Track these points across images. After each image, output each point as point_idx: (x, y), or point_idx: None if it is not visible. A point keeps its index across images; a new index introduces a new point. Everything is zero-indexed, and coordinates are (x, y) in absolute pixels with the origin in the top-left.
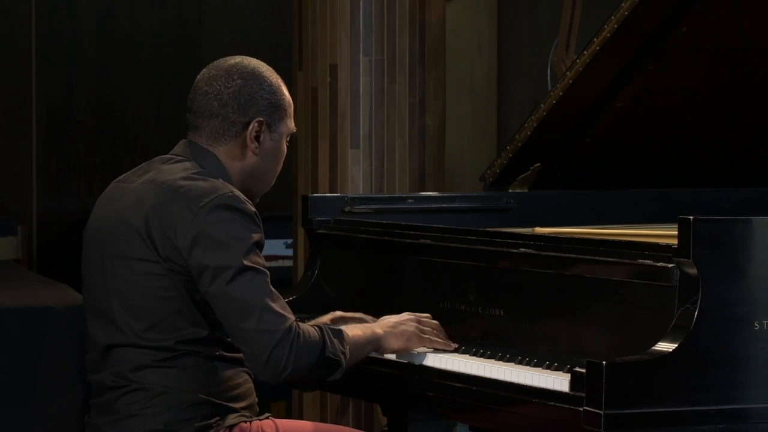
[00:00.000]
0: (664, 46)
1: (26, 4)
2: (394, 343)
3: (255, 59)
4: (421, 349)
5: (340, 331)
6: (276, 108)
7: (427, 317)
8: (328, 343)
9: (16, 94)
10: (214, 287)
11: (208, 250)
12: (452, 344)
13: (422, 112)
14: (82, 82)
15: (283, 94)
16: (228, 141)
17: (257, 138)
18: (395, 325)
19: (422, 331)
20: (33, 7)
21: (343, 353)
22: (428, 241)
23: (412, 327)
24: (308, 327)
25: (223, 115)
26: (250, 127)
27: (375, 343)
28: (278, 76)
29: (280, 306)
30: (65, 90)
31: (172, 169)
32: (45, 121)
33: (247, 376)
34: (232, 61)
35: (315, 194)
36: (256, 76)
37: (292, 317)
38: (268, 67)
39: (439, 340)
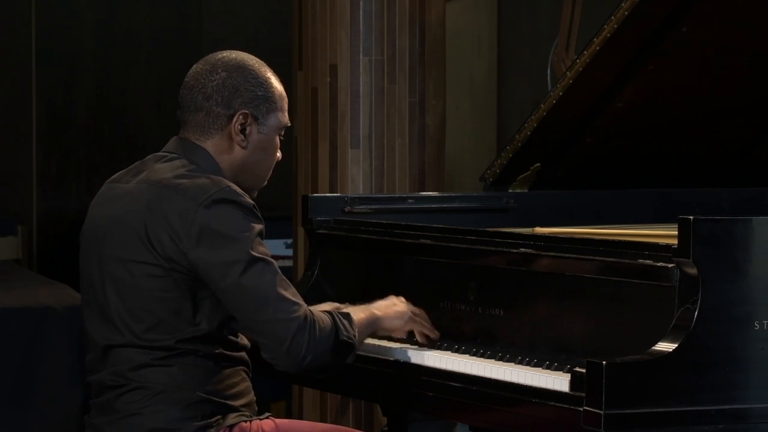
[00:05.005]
0: (664, 46)
1: (26, 4)
2: (391, 323)
3: (244, 53)
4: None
5: (348, 314)
6: (263, 100)
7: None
8: (341, 327)
9: (16, 94)
10: (226, 282)
11: (215, 246)
12: (437, 332)
13: (422, 112)
14: (82, 82)
15: (271, 87)
16: (214, 134)
17: (243, 131)
18: (389, 306)
19: (414, 314)
20: (33, 7)
21: (355, 336)
22: (428, 241)
23: (405, 307)
24: (319, 313)
25: (207, 109)
26: (234, 119)
27: (375, 324)
28: (268, 69)
29: (292, 294)
30: (65, 90)
31: (165, 168)
32: (45, 121)
33: (245, 375)
34: (221, 55)
35: (315, 194)
36: (240, 68)
37: (304, 304)
38: (257, 60)
39: (426, 325)
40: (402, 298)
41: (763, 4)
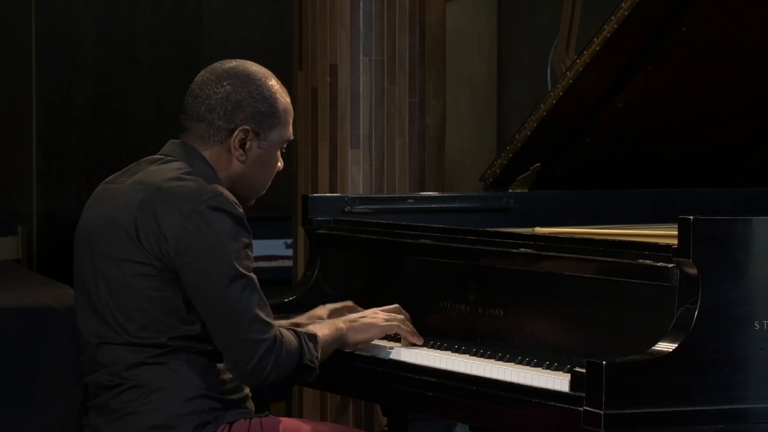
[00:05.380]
0: (664, 46)
1: (26, 4)
2: (355, 336)
3: (255, 64)
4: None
5: (315, 335)
6: (266, 116)
7: (394, 307)
8: (305, 350)
9: (16, 94)
10: (206, 293)
11: (202, 255)
12: (420, 338)
13: (422, 112)
14: (82, 82)
15: (276, 102)
16: (214, 146)
17: (242, 146)
18: (356, 319)
19: (386, 320)
20: (33, 7)
21: (317, 358)
22: (428, 241)
23: (373, 318)
24: (288, 334)
25: (209, 120)
26: (234, 134)
27: (340, 339)
28: (277, 82)
29: (266, 314)
30: (65, 90)
31: (162, 170)
32: (45, 121)
33: None
34: (228, 65)
35: (315, 194)
36: (247, 82)
37: (275, 324)
38: (266, 72)
39: (407, 327)
40: (377, 310)
41: (763, 4)
